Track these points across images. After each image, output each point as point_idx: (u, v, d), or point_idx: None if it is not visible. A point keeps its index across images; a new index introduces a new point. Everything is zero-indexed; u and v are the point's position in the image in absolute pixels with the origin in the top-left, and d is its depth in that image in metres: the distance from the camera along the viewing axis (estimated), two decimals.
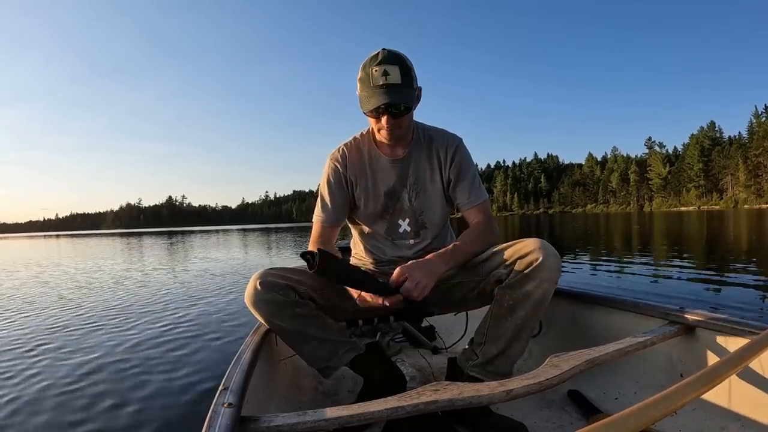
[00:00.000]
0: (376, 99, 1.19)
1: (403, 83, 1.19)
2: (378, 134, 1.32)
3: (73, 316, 3.67)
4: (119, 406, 1.76)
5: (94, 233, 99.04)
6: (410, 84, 1.21)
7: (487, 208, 1.43)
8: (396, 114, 1.23)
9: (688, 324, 1.18)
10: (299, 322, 1.21)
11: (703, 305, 3.03)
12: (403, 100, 1.19)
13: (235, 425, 0.74)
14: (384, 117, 1.22)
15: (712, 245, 8.43)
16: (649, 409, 0.62)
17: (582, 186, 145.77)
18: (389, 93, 1.17)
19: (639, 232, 13.70)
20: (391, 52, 1.20)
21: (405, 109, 1.23)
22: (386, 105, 1.19)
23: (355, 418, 0.81)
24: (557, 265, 1.17)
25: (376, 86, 1.18)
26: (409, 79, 1.21)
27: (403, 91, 1.19)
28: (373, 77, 1.18)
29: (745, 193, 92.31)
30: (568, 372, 0.93)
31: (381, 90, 1.18)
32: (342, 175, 1.39)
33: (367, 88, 1.21)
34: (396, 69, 1.18)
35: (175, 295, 4.54)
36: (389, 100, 1.17)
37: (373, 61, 1.20)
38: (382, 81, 1.17)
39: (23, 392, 1.95)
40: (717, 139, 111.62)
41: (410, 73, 1.21)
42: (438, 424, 1.13)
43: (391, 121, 1.23)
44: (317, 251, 1.02)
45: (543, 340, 1.58)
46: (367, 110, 1.23)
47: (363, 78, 1.22)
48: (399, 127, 1.27)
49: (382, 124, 1.24)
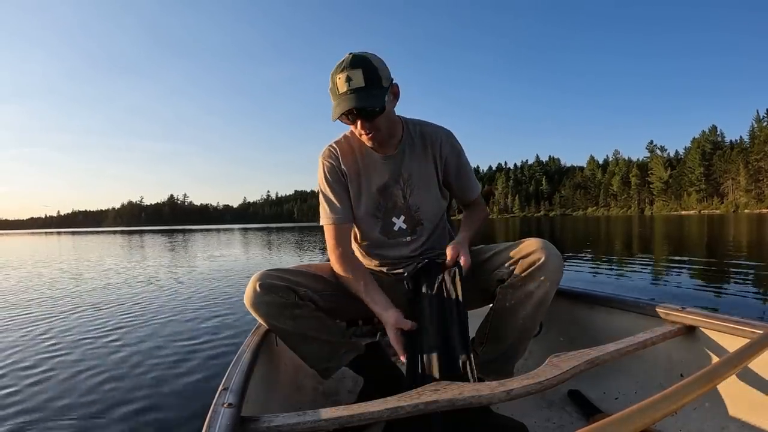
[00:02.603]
0: (341, 106, 1.15)
1: (367, 86, 1.15)
2: (361, 140, 1.29)
3: (72, 315, 3.68)
4: (119, 406, 1.76)
5: (95, 231, 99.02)
6: (376, 85, 1.16)
7: (480, 196, 1.49)
8: (368, 116, 1.19)
9: (689, 324, 1.17)
10: (299, 323, 1.20)
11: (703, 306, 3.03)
12: (367, 103, 1.15)
13: (235, 425, 0.74)
14: (358, 122, 1.20)
15: (712, 249, 8.41)
16: (649, 409, 0.62)
17: (583, 189, 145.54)
18: (353, 98, 1.14)
19: (640, 236, 13.68)
20: (355, 55, 1.17)
21: (378, 110, 1.18)
22: (349, 110, 1.16)
23: (355, 418, 0.81)
24: (559, 266, 1.17)
25: (341, 93, 1.16)
26: (376, 79, 1.16)
27: (368, 93, 1.15)
28: (338, 85, 1.16)
29: (746, 198, 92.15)
30: (568, 372, 0.92)
31: (345, 96, 1.15)
32: (338, 170, 1.35)
33: (335, 97, 1.18)
34: (359, 72, 1.14)
35: (176, 295, 4.53)
36: (353, 105, 1.14)
37: (337, 68, 1.16)
38: (346, 87, 1.14)
39: (22, 392, 1.96)
40: (718, 143, 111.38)
41: (376, 74, 1.16)
42: (438, 424, 1.13)
43: (366, 125, 1.20)
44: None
45: (543, 340, 1.57)
46: (333, 119, 1.19)
47: (331, 87, 1.19)
48: (377, 129, 1.23)
49: (359, 129, 1.22)
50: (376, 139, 1.26)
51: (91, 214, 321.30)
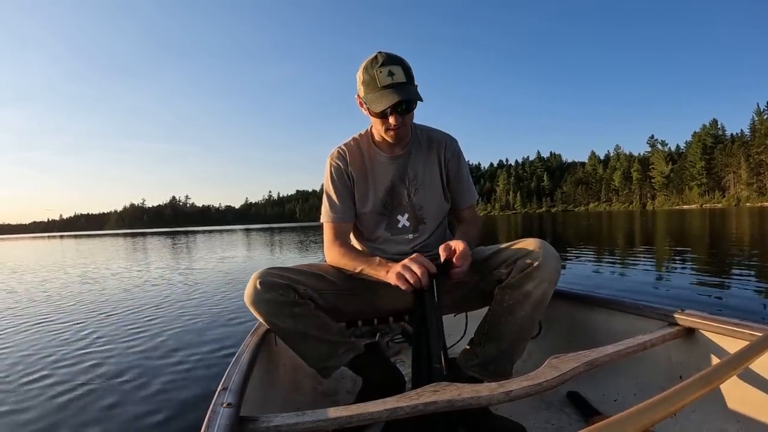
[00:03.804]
0: (387, 99, 1.19)
1: (407, 81, 1.21)
2: (384, 135, 1.32)
3: (72, 315, 3.69)
4: (118, 406, 1.76)
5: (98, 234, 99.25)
6: (413, 82, 1.24)
7: (475, 207, 1.50)
8: (402, 112, 1.24)
9: (688, 326, 1.17)
10: (298, 321, 1.21)
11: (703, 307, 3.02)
12: (412, 96, 1.21)
13: (234, 425, 0.74)
14: (392, 116, 1.24)
15: (713, 244, 8.40)
16: (648, 411, 0.62)
17: (585, 184, 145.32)
18: (398, 92, 1.19)
19: (641, 231, 13.66)
20: (389, 54, 1.22)
21: (412, 106, 1.25)
22: (398, 103, 1.20)
23: (355, 419, 0.81)
24: (557, 266, 1.17)
25: (384, 86, 1.19)
26: (411, 77, 1.23)
27: (410, 88, 1.21)
28: (379, 79, 1.19)
29: (747, 191, 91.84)
30: (567, 373, 0.92)
31: (389, 90, 1.19)
32: (344, 172, 1.41)
33: (374, 90, 1.21)
34: (399, 68, 1.20)
35: (176, 295, 4.54)
36: (401, 98, 1.18)
37: (374, 63, 1.21)
38: (389, 81, 1.19)
39: (21, 391, 1.96)
40: (719, 137, 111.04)
41: (411, 72, 1.24)
42: (437, 425, 1.12)
43: (399, 119, 1.24)
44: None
45: (542, 342, 1.57)
46: (378, 110, 1.22)
47: (368, 81, 1.22)
48: (405, 125, 1.29)
49: (390, 123, 1.25)
50: (401, 135, 1.32)
51: (93, 217, 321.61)
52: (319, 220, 1.43)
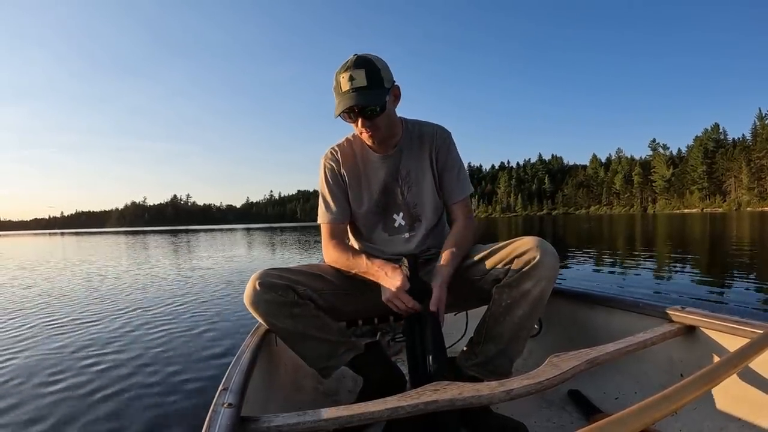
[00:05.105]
0: (343, 104, 1.20)
1: (369, 85, 1.19)
2: (362, 139, 1.34)
3: (72, 315, 3.68)
4: (119, 406, 1.76)
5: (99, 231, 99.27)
6: (378, 85, 1.20)
7: (469, 203, 1.45)
8: (370, 116, 1.23)
9: (689, 324, 1.17)
10: (298, 322, 1.21)
11: (703, 305, 3.02)
12: (368, 101, 1.19)
13: (234, 425, 0.74)
14: (359, 120, 1.24)
15: (714, 247, 8.39)
16: (649, 409, 0.62)
17: (586, 187, 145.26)
18: (354, 96, 1.18)
19: (642, 234, 13.65)
20: (359, 56, 1.21)
21: (380, 109, 1.23)
22: (350, 108, 1.20)
23: (355, 418, 0.81)
24: (555, 264, 1.17)
25: (344, 92, 1.20)
26: (378, 80, 1.20)
27: (370, 92, 1.19)
28: (341, 84, 1.21)
29: (748, 196, 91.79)
30: (568, 372, 0.92)
31: (347, 95, 1.19)
32: (337, 173, 1.41)
33: (337, 95, 1.23)
34: (361, 72, 1.18)
35: (176, 295, 4.54)
36: (354, 103, 1.18)
37: (341, 68, 1.21)
38: (348, 86, 1.19)
39: (22, 391, 1.96)
40: (721, 141, 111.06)
41: (378, 75, 1.20)
42: (438, 424, 1.13)
43: (367, 123, 1.24)
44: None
45: (543, 340, 1.57)
46: (336, 115, 1.23)
47: (334, 86, 1.23)
48: (377, 128, 1.27)
49: (359, 127, 1.25)
50: (376, 138, 1.30)
51: (94, 215, 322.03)
52: (317, 219, 1.43)
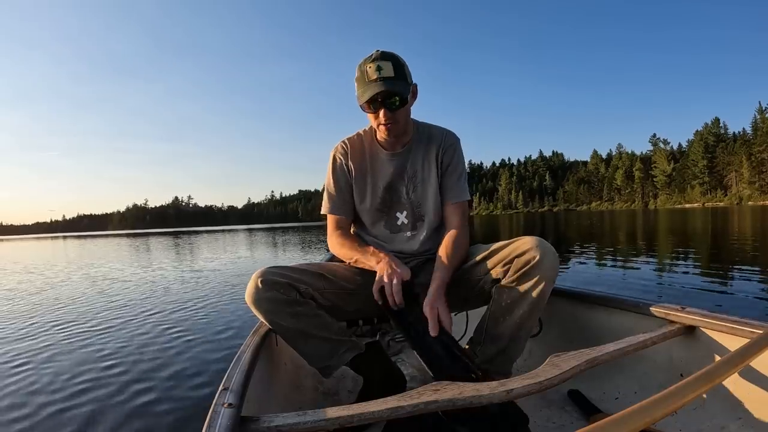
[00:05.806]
0: (370, 91, 1.22)
1: (396, 76, 1.23)
2: (378, 131, 1.35)
3: (72, 315, 3.70)
4: (119, 406, 1.77)
5: (101, 234, 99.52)
6: (403, 78, 1.25)
7: (466, 208, 1.45)
8: (392, 107, 1.26)
9: (688, 324, 1.17)
10: (299, 320, 1.21)
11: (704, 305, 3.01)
12: (396, 90, 1.22)
13: (235, 425, 0.74)
14: (381, 110, 1.26)
15: (715, 242, 8.38)
16: (649, 409, 0.62)
17: (587, 184, 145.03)
18: (382, 84, 1.21)
19: (643, 230, 13.64)
20: (384, 51, 1.26)
21: (400, 102, 1.26)
22: (379, 94, 1.22)
23: (355, 418, 0.80)
24: (555, 264, 1.17)
25: (371, 81, 1.23)
26: (402, 73, 1.25)
27: (396, 82, 1.22)
28: (368, 73, 1.23)
29: (749, 190, 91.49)
30: (568, 372, 0.92)
31: (375, 83, 1.22)
32: (345, 166, 1.43)
33: (363, 85, 1.25)
34: (389, 64, 1.23)
35: (176, 295, 4.55)
36: (383, 89, 1.21)
37: (367, 60, 1.25)
38: (376, 75, 1.22)
39: (21, 390, 1.97)
40: (721, 135, 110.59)
41: (403, 69, 1.25)
42: (438, 424, 1.13)
43: (388, 114, 1.26)
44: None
45: (543, 340, 1.57)
46: (362, 102, 1.26)
47: (359, 77, 1.27)
48: (396, 121, 1.29)
49: (380, 118, 1.27)
50: (394, 132, 1.32)
51: (96, 218, 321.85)
52: (321, 220, 1.44)
